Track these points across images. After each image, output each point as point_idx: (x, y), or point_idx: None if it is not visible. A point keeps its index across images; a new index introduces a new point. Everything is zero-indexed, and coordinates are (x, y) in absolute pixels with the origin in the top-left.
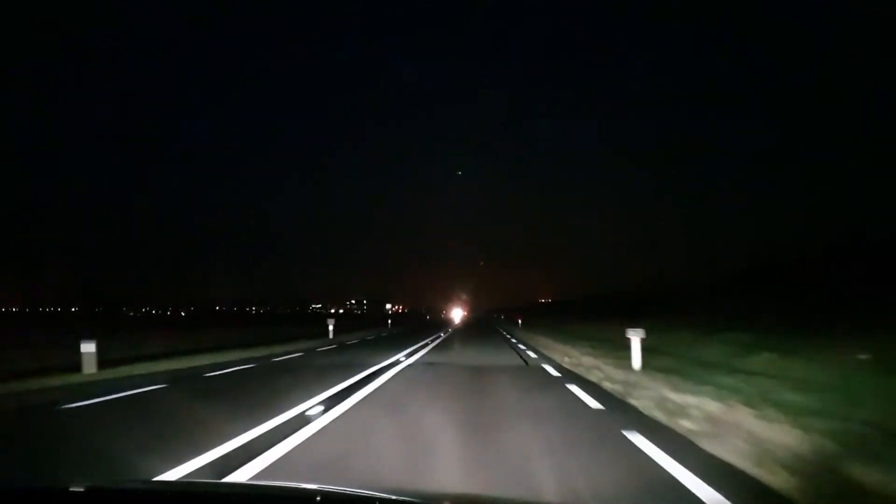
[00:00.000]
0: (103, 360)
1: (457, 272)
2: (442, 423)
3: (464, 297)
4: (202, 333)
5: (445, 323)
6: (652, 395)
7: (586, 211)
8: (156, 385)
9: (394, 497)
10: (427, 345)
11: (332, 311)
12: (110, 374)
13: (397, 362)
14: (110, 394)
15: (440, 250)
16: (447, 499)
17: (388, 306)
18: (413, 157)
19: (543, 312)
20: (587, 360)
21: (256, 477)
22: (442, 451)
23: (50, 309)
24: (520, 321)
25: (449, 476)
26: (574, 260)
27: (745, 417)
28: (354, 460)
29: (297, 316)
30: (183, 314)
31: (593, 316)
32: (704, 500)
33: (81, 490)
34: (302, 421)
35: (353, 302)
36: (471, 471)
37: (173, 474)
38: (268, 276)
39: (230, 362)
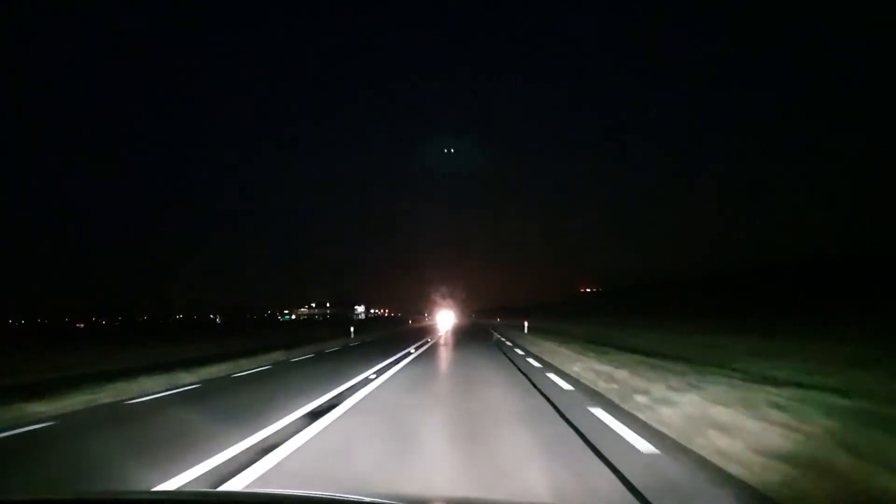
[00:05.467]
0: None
1: (455, 273)
2: None
3: (459, 298)
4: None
5: (427, 331)
6: (522, 339)
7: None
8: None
9: (387, 502)
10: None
11: (293, 317)
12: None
13: None
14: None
15: (436, 250)
16: (438, 500)
17: (360, 309)
18: (402, 147)
19: (539, 312)
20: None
21: None
22: None
23: None
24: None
25: None
26: (571, 257)
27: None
28: None
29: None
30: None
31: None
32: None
33: (75, 500)
34: None
35: (314, 306)
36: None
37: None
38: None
39: None
